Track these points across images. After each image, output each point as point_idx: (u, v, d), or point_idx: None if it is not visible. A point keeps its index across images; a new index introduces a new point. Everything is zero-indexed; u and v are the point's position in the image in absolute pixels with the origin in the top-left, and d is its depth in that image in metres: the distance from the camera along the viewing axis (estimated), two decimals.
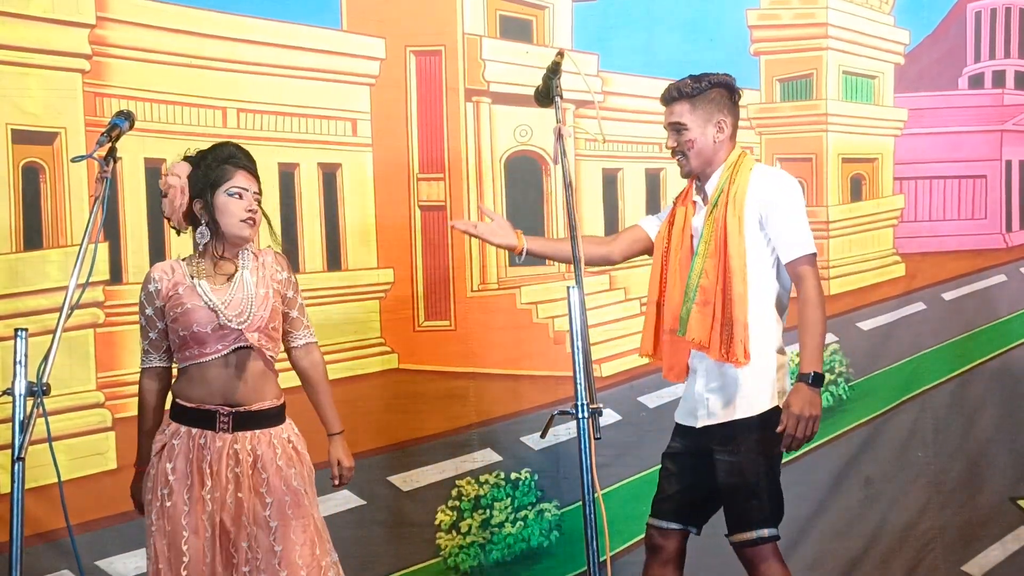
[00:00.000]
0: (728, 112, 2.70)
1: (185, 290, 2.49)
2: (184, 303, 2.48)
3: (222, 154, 2.53)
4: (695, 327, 2.60)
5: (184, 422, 2.49)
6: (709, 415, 2.66)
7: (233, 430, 2.47)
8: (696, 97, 2.67)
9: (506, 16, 3.63)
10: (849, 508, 3.81)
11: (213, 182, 2.49)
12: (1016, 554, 3.88)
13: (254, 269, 2.55)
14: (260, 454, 2.47)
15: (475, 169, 3.59)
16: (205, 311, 2.46)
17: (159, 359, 2.57)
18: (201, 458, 2.45)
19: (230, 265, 2.55)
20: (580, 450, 2.17)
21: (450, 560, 3.50)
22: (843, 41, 3.94)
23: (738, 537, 2.62)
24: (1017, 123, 4.06)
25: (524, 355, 3.56)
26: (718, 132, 2.68)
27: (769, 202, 2.63)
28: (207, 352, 2.48)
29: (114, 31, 3.21)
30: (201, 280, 2.50)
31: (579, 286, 2.24)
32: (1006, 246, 4.04)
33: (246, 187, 2.51)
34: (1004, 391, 3.95)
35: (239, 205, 2.49)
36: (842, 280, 3.91)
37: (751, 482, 2.62)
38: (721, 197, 2.64)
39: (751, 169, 2.68)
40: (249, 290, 2.50)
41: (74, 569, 3.02)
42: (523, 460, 3.57)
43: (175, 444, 2.48)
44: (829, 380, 3.87)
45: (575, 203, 2.52)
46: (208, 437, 2.46)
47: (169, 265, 2.56)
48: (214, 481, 2.43)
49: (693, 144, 2.67)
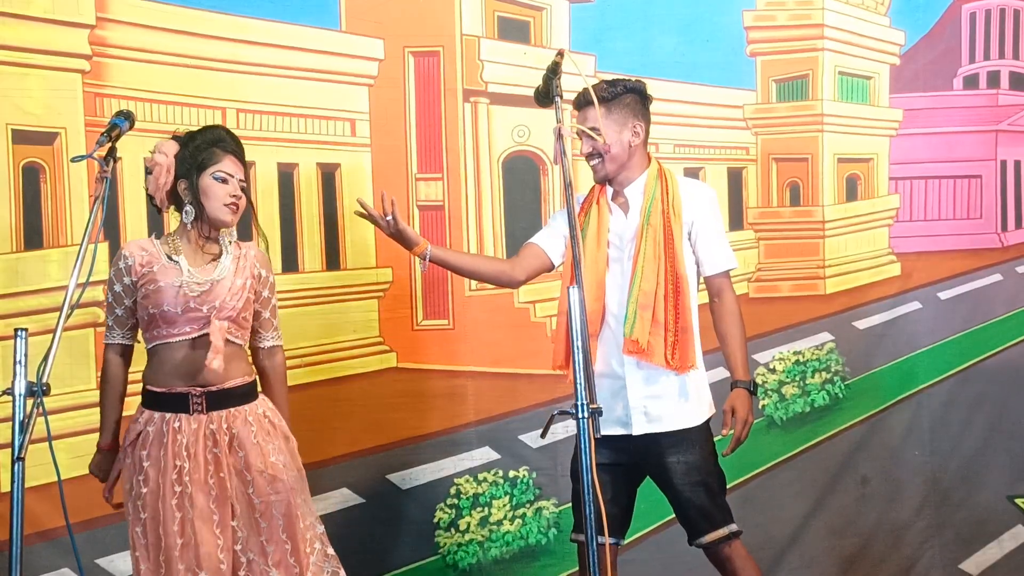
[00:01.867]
0: (641, 117, 2.72)
1: (160, 268, 2.47)
2: (158, 280, 2.45)
3: (211, 137, 2.53)
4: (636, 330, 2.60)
5: (156, 408, 2.47)
6: (651, 422, 2.64)
7: (207, 410, 2.44)
8: (611, 102, 2.67)
9: (504, 17, 3.64)
10: (846, 507, 3.83)
11: (200, 164, 2.49)
12: (1013, 552, 3.89)
13: (235, 259, 2.54)
14: (236, 432, 2.45)
15: (473, 169, 3.59)
16: (176, 291, 2.44)
17: (122, 336, 2.53)
18: (176, 441, 2.42)
19: (212, 248, 2.53)
20: (580, 450, 2.18)
21: (449, 558, 3.51)
22: (839, 42, 3.95)
23: (712, 536, 2.63)
24: (1012, 123, 4.08)
25: (522, 354, 3.56)
26: (633, 137, 2.69)
27: (700, 215, 2.68)
28: (175, 333, 2.45)
29: (114, 31, 3.21)
30: (180, 257, 2.49)
31: (579, 286, 2.25)
32: (1001, 246, 4.06)
33: (232, 173, 2.49)
34: (1000, 390, 3.96)
35: (223, 190, 2.48)
36: (838, 279, 3.93)
37: (711, 480, 2.65)
38: (656, 204, 2.66)
39: (677, 183, 2.72)
40: (226, 277, 2.49)
41: (74, 567, 3.02)
42: (521, 458, 3.57)
43: (149, 431, 2.45)
44: (826, 379, 3.89)
45: (575, 203, 2.52)
46: (182, 420, 2.43)
47: (144, 243, 2.55)
48: (192, 463, 2.41)
49: (608, 149, 2.67)
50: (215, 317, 2.44)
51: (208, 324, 2.44)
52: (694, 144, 3.86)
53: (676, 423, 2.64)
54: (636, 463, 2.68)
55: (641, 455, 2.67)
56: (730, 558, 2.64)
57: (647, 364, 2.63)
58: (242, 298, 2.50)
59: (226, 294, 2.48)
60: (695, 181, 2.88)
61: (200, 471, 2.41)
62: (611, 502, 2.63)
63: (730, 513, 2.68)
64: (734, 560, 2.64)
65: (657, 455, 2.65)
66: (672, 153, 3.79)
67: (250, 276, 2.54)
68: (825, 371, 3.88)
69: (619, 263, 2.70)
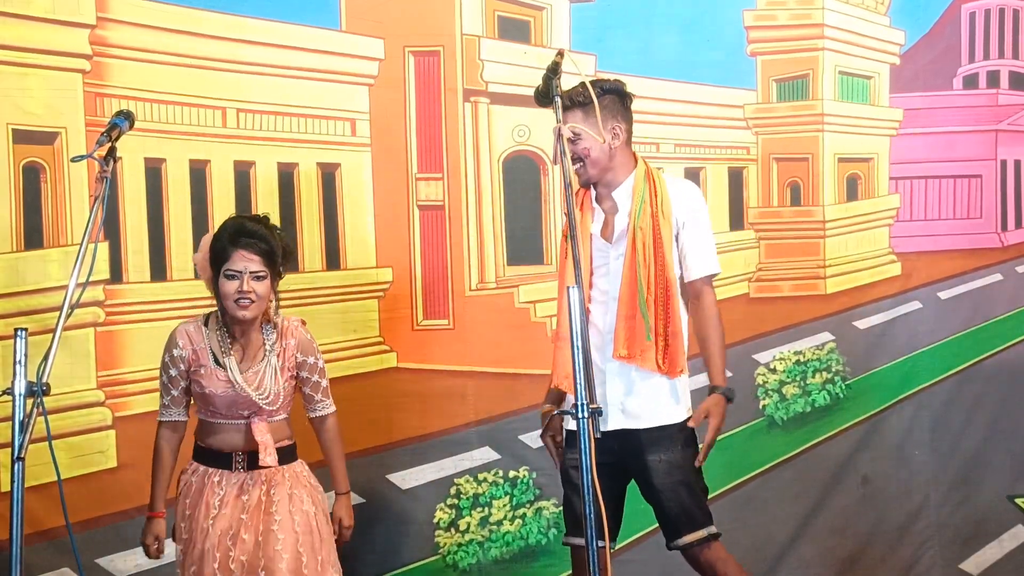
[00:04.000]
0: (622, 118, 2.67)
1: (207, 371, 2.57)
2: (204, 386, 2.57)
3: (224, 232, 2.58)
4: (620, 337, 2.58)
5: (203, 462, 2.63)
6: (629, 418, 2.62)
7: (247, 469, 2.59)
8: (589, 105, 2.60)
9: (504, 17, 3.63)
10: (846, 507, 3.82)
11: (217, 262, 2.56)
12: (1014, 552, 3.89)
13: (280, 352, 2.61)
14: (275, 484, 2.58)
15: (473, 169, 3.59)
16: (227, 398, 2.56)
17: (179, 413, 2.65)
18: (213, 493, 2.57)
19: (255, 338, 2.61)
20: (580, 450, 2.17)
21: (449, 558, 3.50)
22: (839, 41, 3.95)
23: (691, 538, 2.60)
24: (1012, 123, 4.07)
25: (522, 354, 3.56)
26: (613, 138, 2.64)
27: (688, 217, 2.64)
28: (224, 416, 2.60)
29: (114, 31, 3.21)
30: (228, 358, 2.57)
31: (579, 286, 2.25)
32: (1001, 245, 4.05)
33: (240, 269, 2.52)
34: (1001, 389, 3.96)
35: (231, 287, 2.53)
36: (838, 279, 3.92)
37: (691, 480, 2.62)
38: (644, 207, 2.62)
39: (664, 184, 2.67)
40: (271, 380, 2.59)
41: (74, 567, 3.02)
42: (521, 458, 3.57)
43: (192, 480, 2.62)
44: (826, 378, 3.89)
45: (574, 203, 2.52)
46: (223, 475, 2.59)
47: (192, 332, 2.61)
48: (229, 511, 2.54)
49: (589, 152, 2.63)
50: (259, 421, 2.57)
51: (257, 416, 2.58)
52: (695, 144, 3.85)
53: (654, 420, 2.61)
54: (619, 463, 2.64)
55: (623, 454, 2.62)
56: (709, 561, 2.61)
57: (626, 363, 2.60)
58: (284, 395, 2.62)
59: (271, 397, 2.59)
60: (681, 180, 2.82)
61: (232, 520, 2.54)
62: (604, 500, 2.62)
63: (710, 516, 2.64)
64: (714, 563, 2.61)
65: (638, 453, 2.62)
66: (673, 153, 3.79)
67: (292, 368, 2.63)
68: (826, 371, 3.88)
69: (604, 267, 2.66)
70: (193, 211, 3.30)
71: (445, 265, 3.55)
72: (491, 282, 3.60)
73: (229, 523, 2.54)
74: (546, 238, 3.67)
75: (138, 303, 3.23)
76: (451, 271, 3.55)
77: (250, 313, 2.55)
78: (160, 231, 3.27)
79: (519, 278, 3.62)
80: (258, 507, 2.55)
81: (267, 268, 2.55)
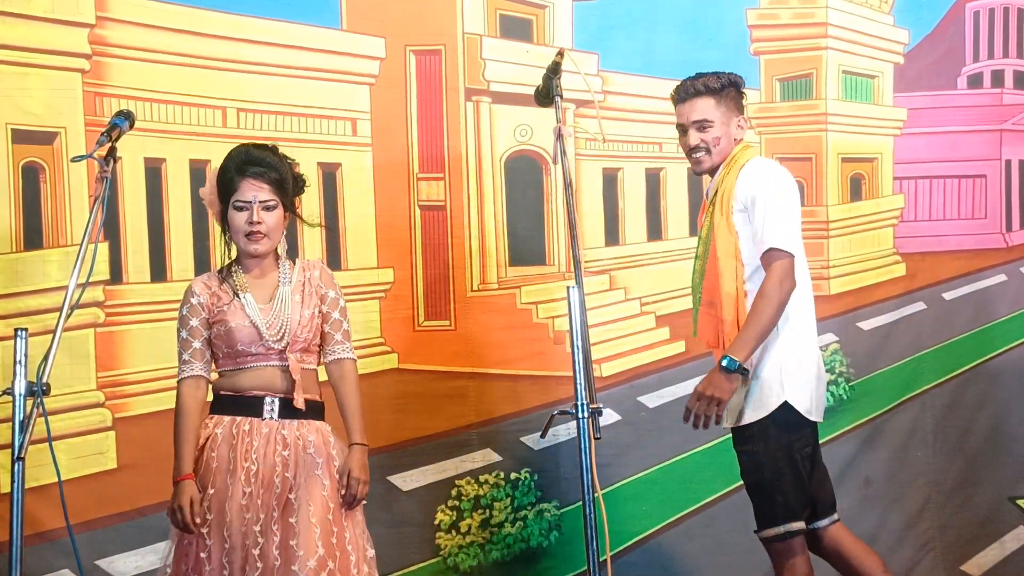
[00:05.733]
0: (742, 112, 2.71)
1: (229, 307, 2.47)
2: (228, 321, 2.46)
3: (231, 162, 2.49)
4: (703, 328, 2.60)
5: (226, 412, 2.46)
6: (729, 417, 2.65)
7: (280, 417, 2.45)
8: (721, 93, 2.64)
9: (506, 15, 3.63)
10: (849, 508, 3.80)
11: (225, 195, 2.48)
12: (1015, 554, 3.88)
13: (298, 285, 2.52)
14: (311, 440, 2.45)
15: (475, 169, 3.58)
16: (249, 330, 2.45)
17: (201, 368, 2.51)
18: (245, 444, 2.41)
19: (272, 276, 2.52)
20: (580, 450, 2.17)
21: (450, 560, 3.50)
22: (842, 41, 3.94)
23: (766, 533, 2.64)
24: (1016, 123, 4.06)
25: (524, 355, 3.56)
26: (739, 130, 2.68)
27: (750, 196, 2.61)
28: (249, 362, 2.47)
29: (114, 31, 3.21)
30: (247, 294, 2.48)
31: (579, 286, 2.24)
32: (1006, 245, 4.04)
33: (249, 198, 2.44)
34: (1004, 391, 3.95)
35: (241, 218, 2.45)
36: (842, 280, 3.91)
37: (772, 478, 2.61)
38: (716, 196, 2.64)
39: (743, 165, 2.64)
40: (291, 310, 2.47)
41: (74, 568, 3.02)
42: (523, 460, 3.57)
43: (217, 433, 2.44)
44: (830, 380, 3.87)
45: (575, 203, 2.51)
46: (253, 424, 2.43)
47: (208, 280, 2.54)
48: (260, 464, 2.40)
49: (719, 141, 2.64)
50: (289, 351, 2.46)
51: (280, 355, 2.45)
52: None
53: (736, 419, 2.63)
54: None
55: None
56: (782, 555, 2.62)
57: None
58: (312, 327, 2.50)
59: (297, 327, 2.47)
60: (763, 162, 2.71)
61: (267, 470, 2.40)
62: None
63: (786, 514, 2.61)
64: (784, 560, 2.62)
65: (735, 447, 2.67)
66: (675, 152, 3.76)
67: (317, 303, 2.52)
68: (829, 372, 3.87)
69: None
70: (193, 211, 3.29)
71: (446, 266, 3.54)
72: (493, 283, 3.59)
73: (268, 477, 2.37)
74: (548, 238, 3.66)
75: (138, 303, 3.23)
76: (452, 272, 3.54)
77: (263, 247, 2.46)
78: (160, 231, 3.26)
79: (521, 279, 3.62)
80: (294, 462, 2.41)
81: (277, 197, 2.45)
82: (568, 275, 3.56)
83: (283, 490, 2.40)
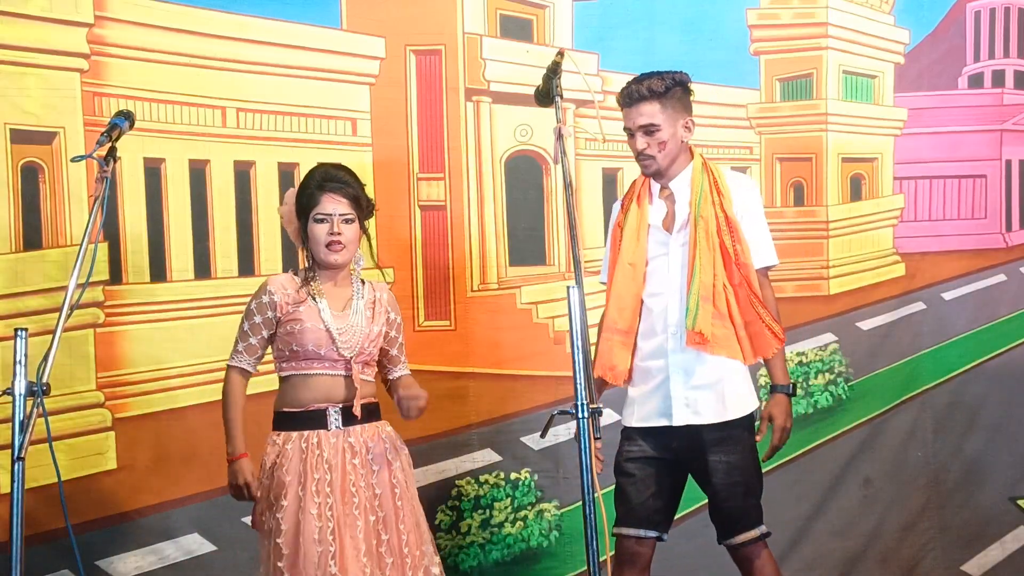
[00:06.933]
0: (689, 111, 2.71)
1: (306, 308, 2.56)
2: (303, 320, 2.56)
3: (311, 180, 2.61)
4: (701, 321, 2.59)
5: (292, 428, 2.56)
6: (695, 414, 2.62)
7: (343, 425, 2.56)
8: (665, 96, 2.64)
9: (506, 15, 3.62)
10: (848, 508, 3.81)
11: (305, 209, 2.58)
12: (1015, 554, 3.88)
13: (369, 303, 2.63)
14: (372, 447, 2.57)
15: (475, 169, 3.58)
16: (323, 333, 2.55)
17: (249, 363, 2.61)
18: (315, 455, 2.51)
19: (346, 289, 2.63)
20: (580, 450, 2.17)
21: (450, 560, 3.50)
22: (843, 40, 3.94)
23: (742, 538, 2.62)
24: (1017, 123, 4.06)
25: (524, 355, 3.56)
26: (686, 132, 2.68)
27: (746, 209, 2.66)
28: (314, 367, 2.57)
29: (112, 30, 3.20)
30: (323, 300, 2.58)
31: (579, 286, 2.24)
32: (1006, 246, 4.04)
33: (330, 212, 2.56)
34: (1004, 391, 3.95)
35: (322, 230, 2.56)
36: (842, 280, 3.91)
37: (749, 481, 2.63)
38: (705, 196, 2.64)
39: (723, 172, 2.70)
40: (364, 323, 2.60)
41: (74, 569, 3.01)
42: (523, 460, 3.56)
43: (288, 449, 2.54)
44: (829, 380, 3.88)
45: (575, 203, 2.51)
46: (320, 436, 2.54)
47: (286, 280, 2.63)
48: (334, 474, 2.50)
49: (665, 145, 2.65)
50: (354, 362, 2.57)
51: (346, 365, 2.56)
52: (697, 143, 3.80)
53: (718, 415, 2.61)
54: (678, 460, 2.66)
55: (683, 451, 2.64)
56: (750, 559, 2.63)
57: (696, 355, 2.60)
58: (377, 344, 2.64)
59: (364, 340, 2.60)
60: (738, 173, 2.84)
61: (342, 480, 2.50)
62: (655, 495, 2.65)
63: (761, 514, 2.65)
64: (753, 562, 2.63)
65: (700, 451, 2.63)
66: None
67: (384, 323, 2.66)
68: (828, 372, 3.87)
69: (664, 257, 2.67)
70: (193, 211, 3.30)
71: (447, 266, 3.54)
72: (493, 283, 3.59)
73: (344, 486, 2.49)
74: (548, 238, 3.66)
75: (138, 304, 3.23)
76: (452, 272, 3.54)
77: (341, 258, 2.58)
78: (160, 231, 3.26)
79: (521, 279, 3.61)
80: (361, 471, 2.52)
81: (355, 212, 2.59)
82: (568, 275, 3.55)
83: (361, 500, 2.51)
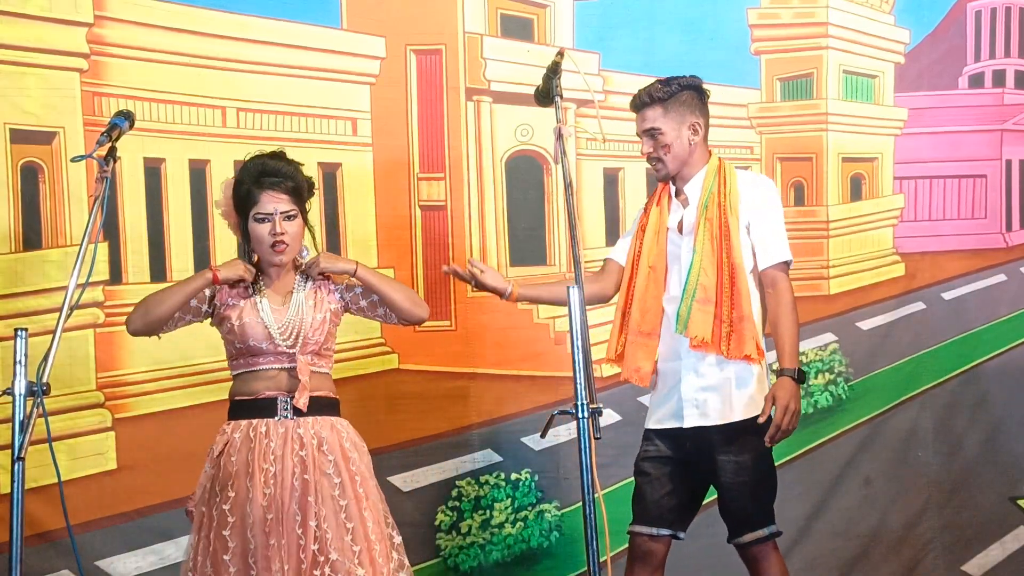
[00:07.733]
0: (700, 113, 2.72)
1: (244, 304, 2.51)
2: (242, 316, 2.50)
3: (246, 175, 2.52)
4: (697, 325, 2.60)
5: (242, 416, 2.49)
6: (703, 416, 2.64)
7: (294, 416, 2.48)
8: (668, 101, 2.68)
9: (507, 15, 3.62)
10: (848, 508, 3.81)
11: (243, 207, 2.51)
12: (1016, 554, 3.88)
13: (311, 292, 2.56)
14: (324, 437, 2.48)
15: (476, 168, 3.58)
16: (261, 328, 2.49)
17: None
18: (263, 445, 2.44)
19: (288, 281, 2.57)
20: (580, 450, 2.17)
21: (450, 560, 3.49)
22: (843, 40, 3.94)
23: (749, 537, 2.63)
24: (1017, 122, 4.06)
25: (524, 355, 3.55)
26: (692, 134, 2.70)
27: (757, 208, 2.68)
28: (261, 362, 2.51)
29: (112, 30, 3.20)
30: (263, 299, 2.52)
31: (579, 286, 2.24)
32: (1006, 245, 4.04)
33: (270, 211, 2.48)
34: (1004, 391, 3.95)
35: (264, 230, 2.49)
36: (842, 280, 3.91)
37: (758, 480, 2.63)
38: (712, 198, 2.66)
39: (736, 174, 2.72)
40: (304, 314, 2.52)
41: (74, 569, 3.01)
42: (523, 461, 3.56)
43: (235, 437, 2.47)
44: (829, 380, 3.88)
45: (575, 203, 2.51)
46: (269, 425, 2.47)
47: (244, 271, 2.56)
48: (279, 465, 2.43)
49: (669, 148, 2.68)
50: (299, 353, 2.49)
51: (291, 358, 2.49)
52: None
53: (725, 416, 2.62)
54: (691, 460, 2.67)
55: (694, 451, 2.66)
56: (757, 559, 2.64)
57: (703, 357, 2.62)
58: (324, 331, 2.54)
59: (308, 330, 2.51)
60: (754, 174, 2.89)
61: (285, 473, 2.43)
62: (669, 494, 2.67)
63: (772, 514, 2.65)
64: (761, 561, 2.63)
65: (709, 452, 2.64)
66: None
67: (329, 309, 2.56)
68: (828, 372, 3.87)
69: (678, 259, 2.70)
70: (193, 211, 3.29)
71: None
72: None
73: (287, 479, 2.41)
74: (549, 239, 3.66)
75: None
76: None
77: (286, 257, 2.52)
78: (160, 231, 3.26)
79: (522, 279, 3.60)
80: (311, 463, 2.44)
81: (296, 206, 2.51)
82: (568, 275, 3.55)
83: (302, 492, 2.43)
